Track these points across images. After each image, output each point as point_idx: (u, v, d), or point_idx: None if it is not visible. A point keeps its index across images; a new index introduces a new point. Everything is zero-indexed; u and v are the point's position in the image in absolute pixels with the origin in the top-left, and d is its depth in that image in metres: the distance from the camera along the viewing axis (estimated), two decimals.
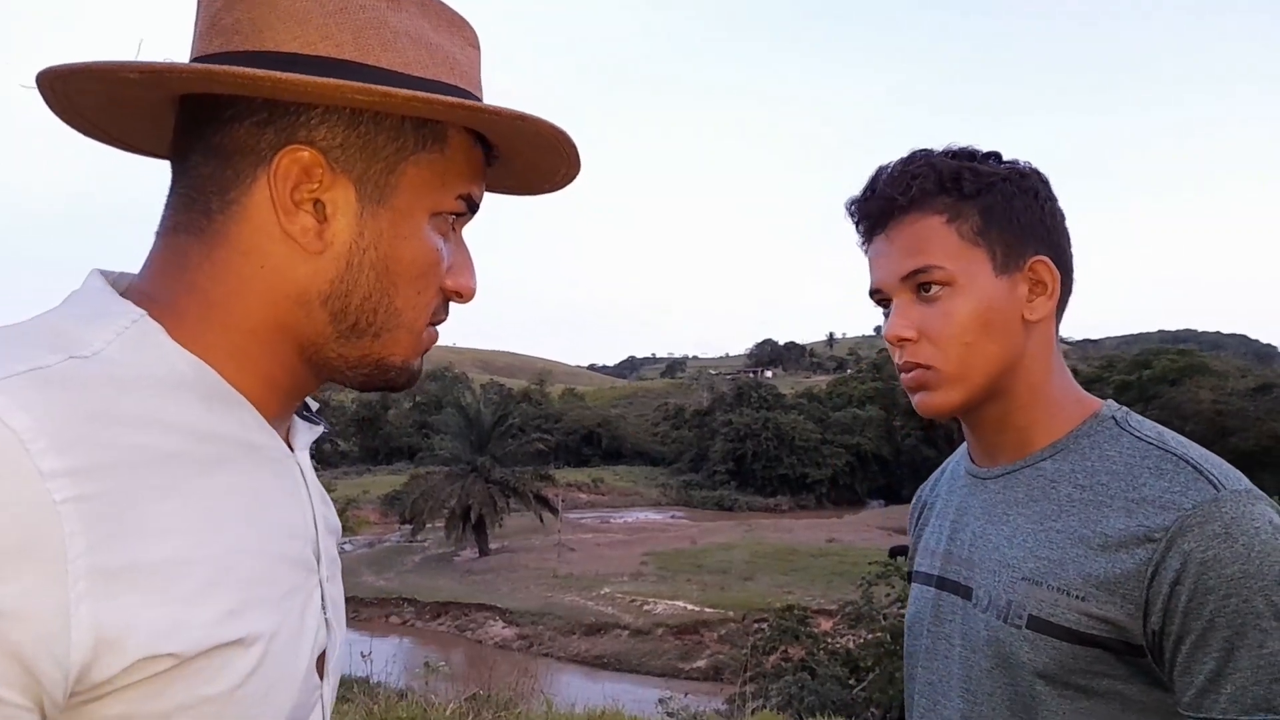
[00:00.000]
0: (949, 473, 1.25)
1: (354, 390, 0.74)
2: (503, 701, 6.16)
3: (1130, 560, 0.91)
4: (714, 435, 60.84)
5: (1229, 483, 0.91)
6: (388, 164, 0.65)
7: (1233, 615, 0.86)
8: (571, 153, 0.71)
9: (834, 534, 41.57)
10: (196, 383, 0.62)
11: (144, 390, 0.58)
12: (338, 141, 0.64)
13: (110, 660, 0.52)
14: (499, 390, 70.28)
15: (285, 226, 0.63)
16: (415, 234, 0.67)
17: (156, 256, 0.66)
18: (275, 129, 0.63)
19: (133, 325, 0.61)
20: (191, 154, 0.65)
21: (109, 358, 0.58)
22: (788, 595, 25.75)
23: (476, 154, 0.70)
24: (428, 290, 0.69)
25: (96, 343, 0.58)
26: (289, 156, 0.63)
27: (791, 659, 17.03)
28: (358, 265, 0.65)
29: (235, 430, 0.63)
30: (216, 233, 0.64)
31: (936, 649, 1.12)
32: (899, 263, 1.04)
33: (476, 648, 26.16)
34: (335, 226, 0.65)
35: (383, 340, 0.68)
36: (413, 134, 0.66)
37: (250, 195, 0.63)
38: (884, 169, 1.07)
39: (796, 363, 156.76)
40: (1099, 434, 1.02)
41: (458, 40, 0.69)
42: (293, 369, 0.68)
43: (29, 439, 0.50)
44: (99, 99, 0.66)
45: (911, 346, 1.04)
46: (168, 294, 0.64)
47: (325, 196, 0.64)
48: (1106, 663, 0.93)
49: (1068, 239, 1.07)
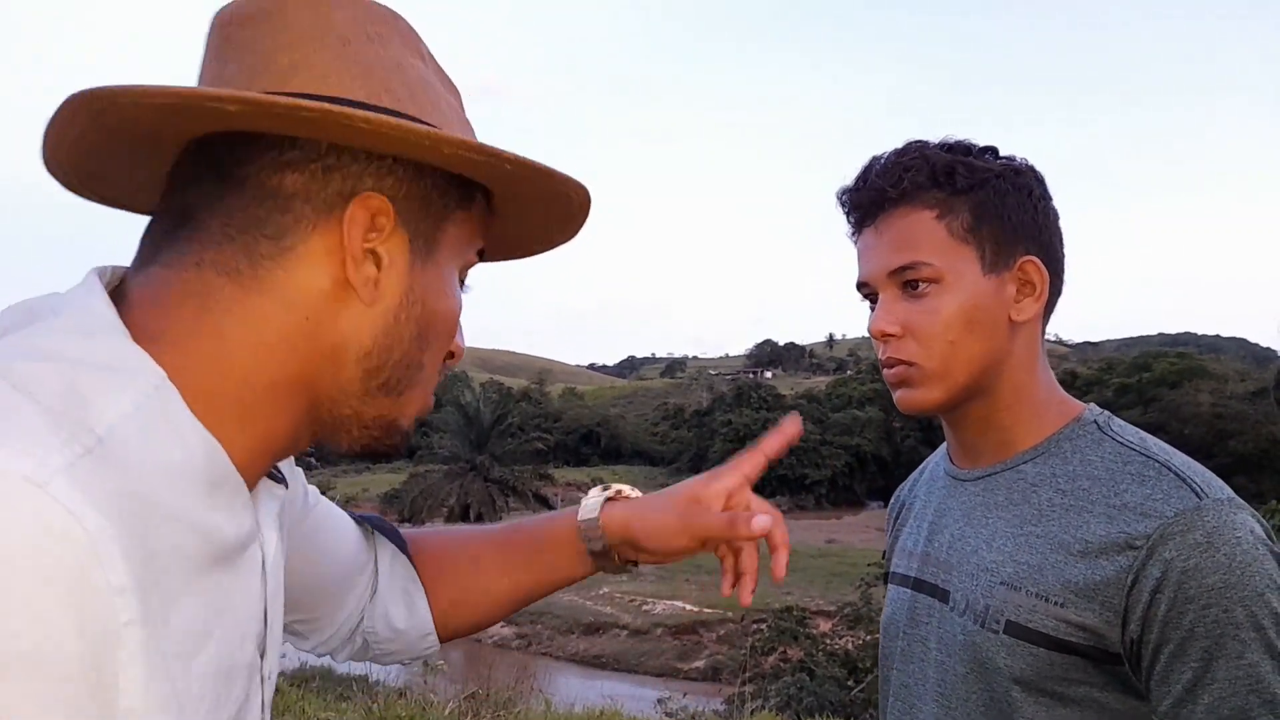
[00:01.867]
0: (928, 473, 1.23)
1: (345, 454, 0.70)
2: (501, 700, 6.16)
3: (1110, 567, 0.90)
4: (713, 435, 60.86)
5: (1211, 491, 0.90)
6: (436, 219, 0.65)
7: (1212, 625, 0.86)
8: (583, 208, 0.71)
9: (833, 535, 41.61)
10: (205, 468, 0.56)
11: (162, 481, 0.53)
12: (403, 193, 0.62)
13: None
14: (498, 389, 70.15)
15: (350, 275, 0.60)
16: (451, 291, 0.67)
17: (170, 289, 0.59)
18: (343, 175, 0.60)
19: (154, 392, 0.54)
20: (226, 195, 0.60)
21: (124, 439, 0.51)
22: (786, 596, 25.74)
23: (485, 209, 0.70)
24: (446, 349, 0.69)
25: (110, 415, 0.51)
26: (361, 203, 0.60)
27: (790, 660, 17.03)
28: (405, 320, 0.64)
29: (227, 524, 0.59)
30: (260, 278, 0.60)
31: (912, 652, 1.10)
32: (887, 258, 1.03)
33: (475, 646, 26.13)
34: (389, 280, 0.63)
35: (403, 399, 0.66)
36: (456, 191, 0.66)
37: (309, 242, 0.60)
38: (877, 159, 1.06)
39: (796, 363, 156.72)
40: (1081, 438, 1.01)
41: (456, 101, 0.70)
42: (295, 427, 0.64)
43: (102, 547, 0.45)
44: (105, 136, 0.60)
45: (895, 342, 1.03)
46: (179, 335, 0.58)
47: (383, 248, 0.62)
48: (1083, 670, 0.92)
49: (1060, 240, 1.06)
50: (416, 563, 0.93)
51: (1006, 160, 1.05)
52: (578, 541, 0.91)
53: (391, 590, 0.92)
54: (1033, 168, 1.06)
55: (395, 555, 0.94)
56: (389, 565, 0.93)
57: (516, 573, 0.93)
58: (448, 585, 0.93)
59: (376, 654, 0.96)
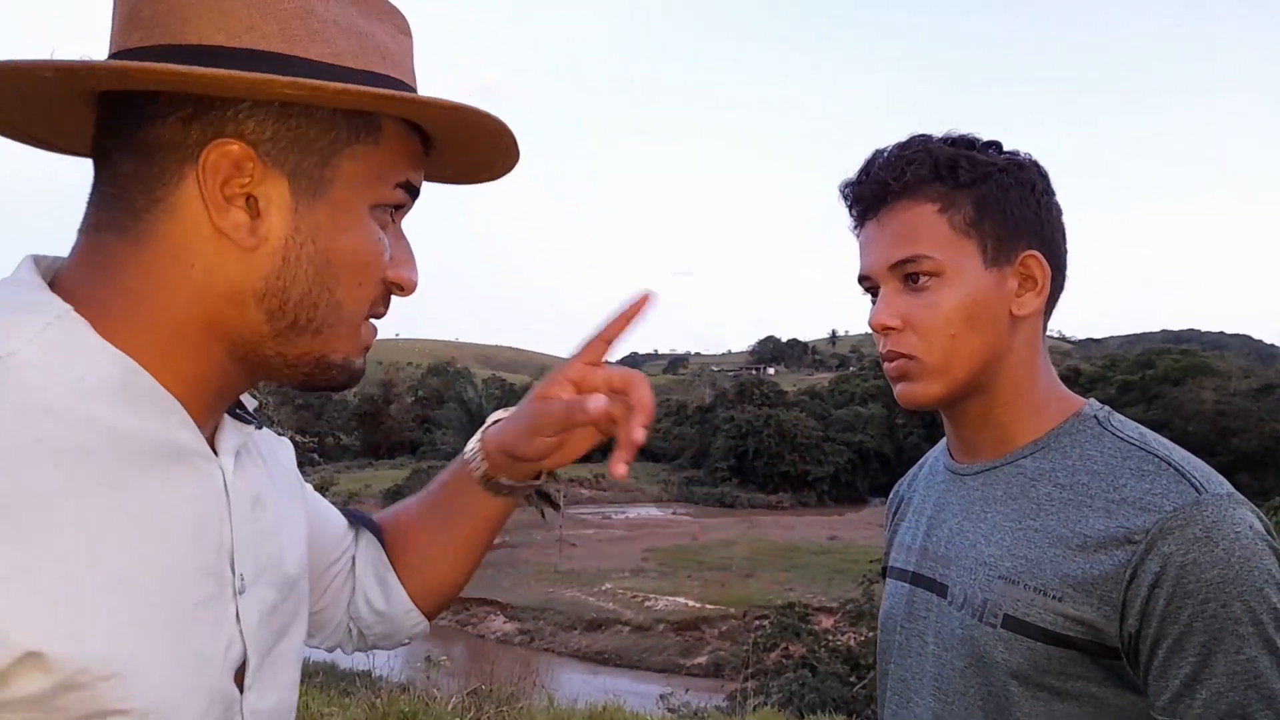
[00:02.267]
0: (927, 468, 1.23)
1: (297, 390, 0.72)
2: (504, 696, 6.17)
3: (1109, 561, 0.90)
4: (716, 432, 60.86)
5: (1211, 486, 0.90)
6: (321, 157, 0.64)
7: (1210, 620, 0.85)
8: (509, 143, 0.70)
9: (835, 531, 41.60)
10: (122, 382, 0.60)
11: (62, 388, 0.57)
12: (268, 135, 0.62)
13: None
14: (501, 385, 70.25)
15: (217, 223, 0.61)
16: (355, 226, 0.66)
17: (80, 254, 0.64)
18: (202, 124, 0.61)
19: (56, 321, 0.59)
20: (114, 151, 0.63)
21: (24, 361, 0.57)
22: (789, 592, 25.79)
23: (413, 143, 0.69)
24: (368, 283, 0.68)
25: (14, 342, 0.57)
26: (218, 150, 0.60)
27: (792, 656, 17.07)
28: (295, 260, 0.64)
29: (157, 430, 0.62)
30: (143, 231, 0.62)
31: (910, 646, 1.10)
32: (888, 251, 1.03)
33: (477, 642, 26.18)
34: (269, 222, 0.63)
35: (324, 337, 0.66)
36: (346, 126, 0.64)
37: (178, 193, 0.61)
38: (880, 152, 1.06)
39: (799, 360, 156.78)
40: (1081, 433, 1.01)
41: (388, 28, 0.68)
42: (223, 368, 0.66)
43: None
44: (17, 98, 0.64)
45: (896, 336, 1.03)
46: (92, 291, 0.62)
47: (257, 191, 0.62)
48: (1081, 664, 0.92)
49: (1063, 235, 1.06)
50: (386, 543, 0.95)
51: (1010, 155, 1.05)
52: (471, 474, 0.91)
53: (366, 574, 0.94)
54: (1036, 162, 1.06)
55: (369, 541, 0.95)
56: (364, 550, 0.95)
57: (449, 526, 0.94)
58: (409, 559, 0.94)
59: (372, 641, 0.97)
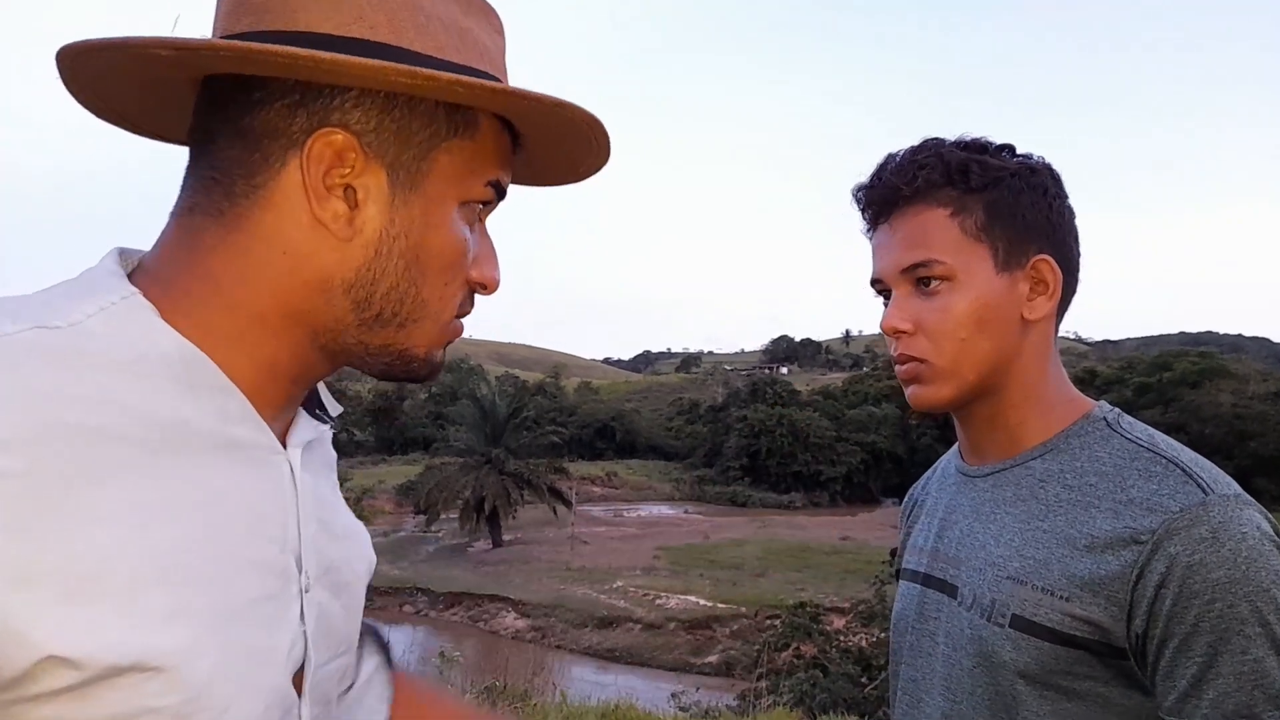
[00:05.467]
0: (940, 471, 1.24)
1: (373, 378, 0.72)
2: (518, 693, 6.19)
3: (1116, 562, 0.91)
4: (728, 431, 60.74)
5: (1218, 487, 0.90)
6: (420, 150, 0.64)
7: (1217, 620, 0.86)
8: (604, 143, 0.69)
9: (847, 532, 41.47)
10: (178, 365, 0.59)
11: (110, 368, 0.56)
12: (372, 126, 0.62)
13: (17, 654, 0.49)
14: (514, 382, 70.41)
15: (316, 212, 0.62)
16: (445, 223, 0.66)
17: (168, 237, 0.64)
18: (308, 112, 0.61)
19: (121, 301, 0.59)
20: (217, 137, 0.63)
21: (85, 331, 0.56)
22: (800, 592, 25.71)
23: (505, 141, 0.69)
24: (454, 281, 0.68)
25: (75, 315, 0.56)
26: (323, 140, 0.61)
27: (804, 656, 17.01)
28: (387, 254, 0.64)
29: (211, 419, 0.61)
30: (239, 216, 0.62)
31: (920, 646, 1.11)
32: (900, 255, 1.03)
33: (489, 638, 26.27)
34: (366, 213, 0.63)
35: (407, 330, 0.67)
36: (445, 120, 0.64)
37: (279, 180, 0.62)
38: (892, 156, 1.06)
39: (812, 359, 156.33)
40: (1089, 434, 1.02)
41: (485, 26, 0.68)
42: (302, 355, 0.66)
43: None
44: (120, 77, 0.63)
45: (907, 339, 1.03)
46: (174, 275, 0.62)
47: (357, 182, 0.62)
48: (1088, 664, 0.92)
49: (1075, 239, 1.06)
50: (396, 689, 0.88)
51: (1022, 158, 1.05)
52: None
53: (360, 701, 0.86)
54: (1049, 166, 1.06)
55: (378, 667, 0.88)
56: (368, 674, 0.87)
57: None
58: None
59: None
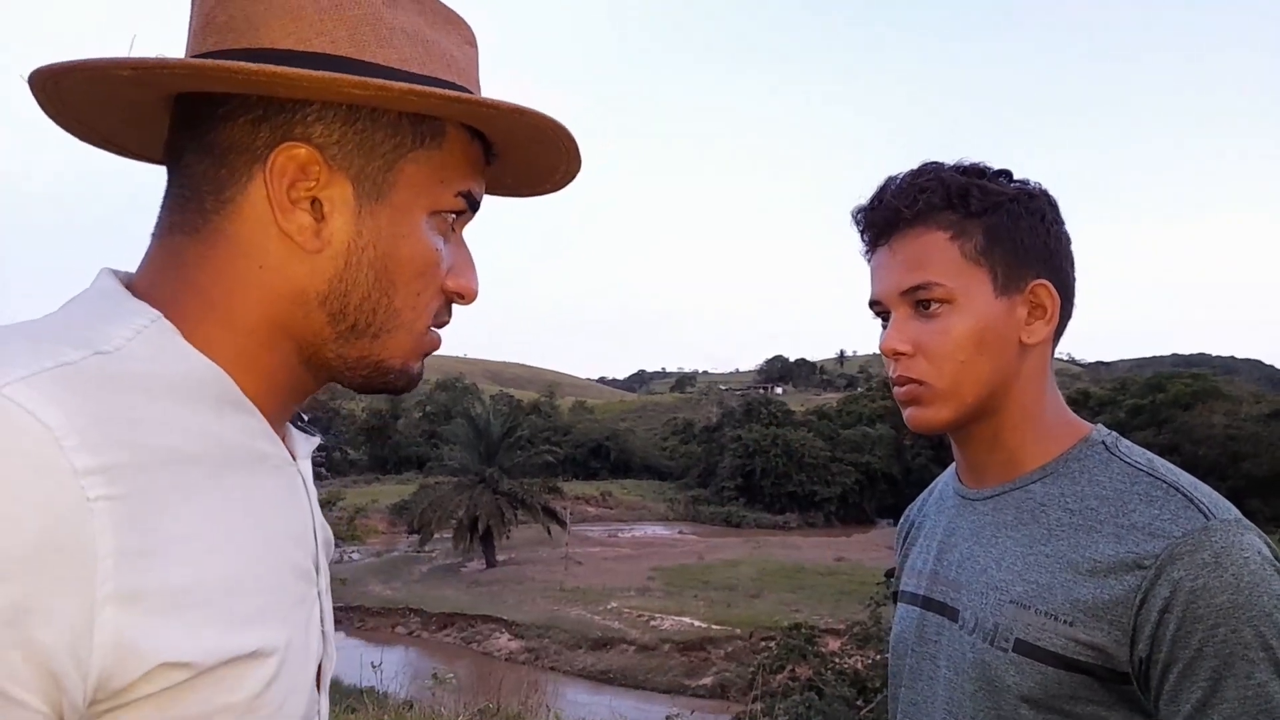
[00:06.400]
0: (937, 493, 1.24)
1: (355, 392, 0.73)
2: (511, 715, 6.14)
3: (1119, 586, 0.91)
4: (723, 451, 60.63)
5: (1219, 512, 0.91)
6: (386, 161, 0.64)
7: (1221, 645, 0.86)
8: (571, 148, 0.70)
9: (842, 553, 41.33)
10: (212, 387, 0.61)
11: (164, 391, 0.58)
12: (334, 138, 0.63)
13: (131, 665, 0.51)
14: (508, 401, 70.31)
15: (283, 224, 0.62)
16: (413, 232, 0.66)
17: (153, 258, 0.65)
18: (270, 126, 0.62)
19: (151, 325, 0.60)
20: (185, 154, 0.64)
21: (130, 355, 0.57)
22: (795, 614, 25.61)
23: (475, 151, 0.69)
24: (427, 291, 0.68)
25: (116, 339, 0.57)
26: (285, 153, 0.62)
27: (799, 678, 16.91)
28: (356, 264, 0.64)
29: (242, 437, 0.63)
30: (213, 231, 0.63)
31: (920, 670, 1.11)
32: (900, 277, 1.04)
33: (482, 659, 26.06)
34: (333, 225, 0.64)
35: (381, 341, 0.67)
36: (410, 130, 0.65)
37: (246, 194, 0.63)
38: (892, 180, 1.07)
39: (806, 379, 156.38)
40: (1089, 458, 1.02)
41: (454, 38, 0.69)
42: (293, 370, 0.67)
43: (62, 435, 0.50)
44: (92, 99, 0.65)
45: (906, 361, 1.04)
46: (168, 294, 0.63)
47: (323, 194, 0.63)
48: (1091, 689, 0.93)
49: (1071, 263, 1.07)
50: None
51: (1020, 184, 1.06)
52: None
53: None
54: (1046, 192, 1.07)
55: None
56: None
57: None
58: None
59: None
